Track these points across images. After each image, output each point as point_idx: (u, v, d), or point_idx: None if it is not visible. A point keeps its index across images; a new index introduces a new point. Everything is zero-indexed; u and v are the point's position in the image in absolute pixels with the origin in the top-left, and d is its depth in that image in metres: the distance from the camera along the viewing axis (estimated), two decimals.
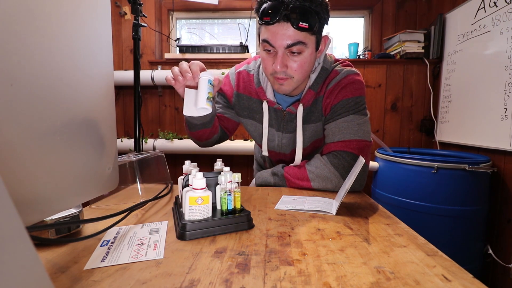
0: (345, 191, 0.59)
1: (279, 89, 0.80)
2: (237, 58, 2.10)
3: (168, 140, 2.12)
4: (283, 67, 0.74)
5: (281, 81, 0.77)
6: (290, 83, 0.78)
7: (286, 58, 0.74)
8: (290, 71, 0.75)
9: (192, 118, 0.83)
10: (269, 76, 0.80)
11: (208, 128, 0.88)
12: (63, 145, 0.33)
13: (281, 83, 0.78)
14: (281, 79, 0.77)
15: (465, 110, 1.72)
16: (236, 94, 0.94)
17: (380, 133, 2.15)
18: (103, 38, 0.41)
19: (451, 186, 1.34)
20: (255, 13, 0.76)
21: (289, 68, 0.75)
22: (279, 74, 0.76)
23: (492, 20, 1.51)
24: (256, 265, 0.38)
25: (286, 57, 0.74)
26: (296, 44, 0.71)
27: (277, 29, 0.70)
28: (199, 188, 0.48)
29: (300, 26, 0.69)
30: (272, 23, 0.70)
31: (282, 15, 0.68)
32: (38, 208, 0.30)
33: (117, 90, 2.24)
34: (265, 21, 0.71)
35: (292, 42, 0.71)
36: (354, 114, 0.81)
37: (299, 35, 0.70)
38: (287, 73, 0.76)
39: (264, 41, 0.74)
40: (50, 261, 0.39)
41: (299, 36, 0.70)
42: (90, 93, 0.38)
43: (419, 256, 0.41)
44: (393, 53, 2.08)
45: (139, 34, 1.55)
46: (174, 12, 2.35)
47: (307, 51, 0.74)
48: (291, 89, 0.80)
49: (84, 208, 0.61)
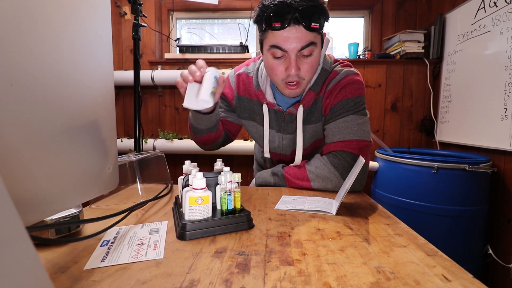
0: (345, 191, 0.59)
1: (290, 94, 0.80)
2: (237, 58, 2.10)
3: (168, 140, 2.13)
4: (297, 70, 0.74)
5: (293, 86, 0.77)
6: (302, 85, 0.78)
7: (298, 61, 0.74)
8: (302, 73, 0.75)
9: (198, 123, 0.83)
10: (279, 82, 0.79)
11: (213, 133, 0.89)
12: (63, 145, 0.33)
13: (293, 88, 0.78)
14: (293, 85, 0.77)
15: (465, 110, 1.72)
16: (237, 96, 0.94)
17: (380, 133, 2.15)
18: (103, 38, 0.41)
19: (451, 186, 1.34)
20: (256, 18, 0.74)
21: (302, 71, 0.75)
22: (292, 77, 0.75)
23: (492, 20, 1.51)
24: (256, 265, 0.38)
25: (298, 60, 0.74)
26: (309, 45, 0.71)
27: (289, 33, 0.70)
28: (199, 188, 0.48)
29: (312, 27, 0.69)
30: (283, 27, 0.69)
31: (293, 18, 0.68)
32: (38, 208, 0.30)
33: (117, 90, 2.24)
34: (274, 27, 0.70)
35: (305, 44, 0.71)
36: (353, 114, 0.81)
37: (310, 36, 0.71)
38: (299, 76, 0.76)
39: (274, 47, 0.73)
40: (50, 261, 0.39)
41: (310, 37, 0.71)
42: (90, 93, 0.38)
43: (419, 256, 0.41)
44: (393, 53, 2.08)
45: (139, 34, 1.55)
46: (174, 12, 2.35)
47: (316, 51, 0.74)
48: (302, 91, 0.80)
49: (84, 208, 0.61)
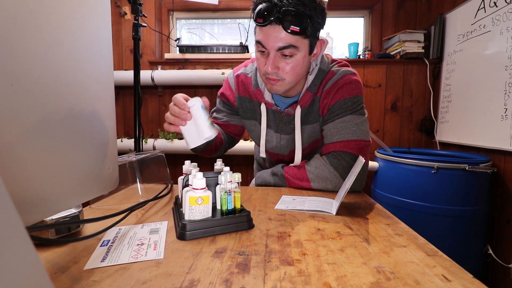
0: (345, 191, 0.59)
1: (271, 89, 0.80)
2: (237, 58, 2.09)
3: (168, 140, 2.12)
4: (274, 68, 0.74)
5: (272, 81, 0.78)
6: (281, 84, 0.78)
7: (278, 60, 0.74)
8: (281, 73, 0.75)
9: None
10: (262, 76, 0.80)
11: (212, 145, 0.90)
12: (63, 145, 0.33)
13: (272, 84, 0.78)
14: (273, 80, 0.77)
15: (465, 110, 1.72)
16: (238, 97, 0.95)
17: (380, 133, 2.15)
18: (103, 38, 0.41)
19: (451, 186, 1.34)
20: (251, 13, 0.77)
21: (280, 70, 0.75)
22: (270, 75, 0.76)
23: (492, 20, 1.51)
24: (256, 265, 0.38)
25: (278, 59, 0.74)
26: (288, 47, 0.71)
27: (269, 31, 0.71)
28: (199, 188, 0.48)
29: (292, 30, 0.69)
30: (264, 24, 0.70)
31: (275, 17, 0.68)
32: (38, 208, 0.30)
33: (117, 90, 2.24)
34: (258, 22, 0.71)
35: (284, 45, 0.71)
36: (351, 114, 0.81)
37: (291, 39, 0.70)
38: (278, 75, 0.76)
39: (257, 42, 0.75)
40: (50, 261, 0.39)
41: (290, 40, 0.71)
42: (90, 93, 0.38)
43: (419, 256, 0.41)
44: (393, 53, 2.08)
45: (139, 34, 1.55)
46: (174, 12, 2.35)
47: (299, 55, 0.74)
48: (283, 90, 0.80)
49: (84, 208, 0.61)
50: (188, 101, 0.64)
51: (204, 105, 0.64)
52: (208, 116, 0.64)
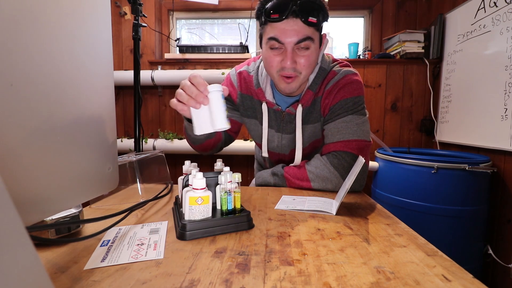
0: (345, 191, 0.59)
1: (286, 88, 0.80)
2: (237, 58, 2.09)
3: (168, 140, 2.12)
4: (293, 63, 0.75)
5: (289, 79, 0.78)
6: (297, 80, 0.78)
7: (295, 54, 0.75)
8: (299, 67, 0.76)
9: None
10: (275, 74, 0.79)
11: (212, 139, 0.88)
12: (63, 145, 0.33)
13: (289, 82, 0.78)
14: (289, 78, 0.77)
15: (465, 110, 1.72)
16: (240, 94, 0.94)
17: (380, 133, 2.15)
18: (103, 38, 0.41)
19: (451, 186, 1.34)
20: (257, 12, 0.76)
21: (298, 64, 0.76)
22: (287, 70, 0.76)
23: (492, 20, 1.51)
24: (256, 265, 0.38)
25: (295, 53, 0.75)
26: (305, 39, 0.72)
27: (286, 26, 0.71)
28: (199, 188, 0.48)
29: (310, 21, 0.70)
30: (281, 19, 0.71)
31: (291, 11, 0.69)
32: (38, 208, 0.30)
33: (117, 90, 2.24)
34: (273, 18, 0.71)
35: (302, 37, 0.72)
36: (352, 114, 0.81)
37: (308, 31, 0.72)
38: (296, 69, 0.76)
39: (271, 39, 0.74)
40: (50, 261, 0.39)
41: (307, 32, 0.72)
42: (90, 93, 0.38)
43: (419, 256, 0.41)
44: (393, 53, 2.08)
45: (139, 34, 1.55)
46: (174, 12, 2.35)
47: (313, 47, 0.75)
48: (298, 86, 0.80)
49: (84, 208, 0.61)
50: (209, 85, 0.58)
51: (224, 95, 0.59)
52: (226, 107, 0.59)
